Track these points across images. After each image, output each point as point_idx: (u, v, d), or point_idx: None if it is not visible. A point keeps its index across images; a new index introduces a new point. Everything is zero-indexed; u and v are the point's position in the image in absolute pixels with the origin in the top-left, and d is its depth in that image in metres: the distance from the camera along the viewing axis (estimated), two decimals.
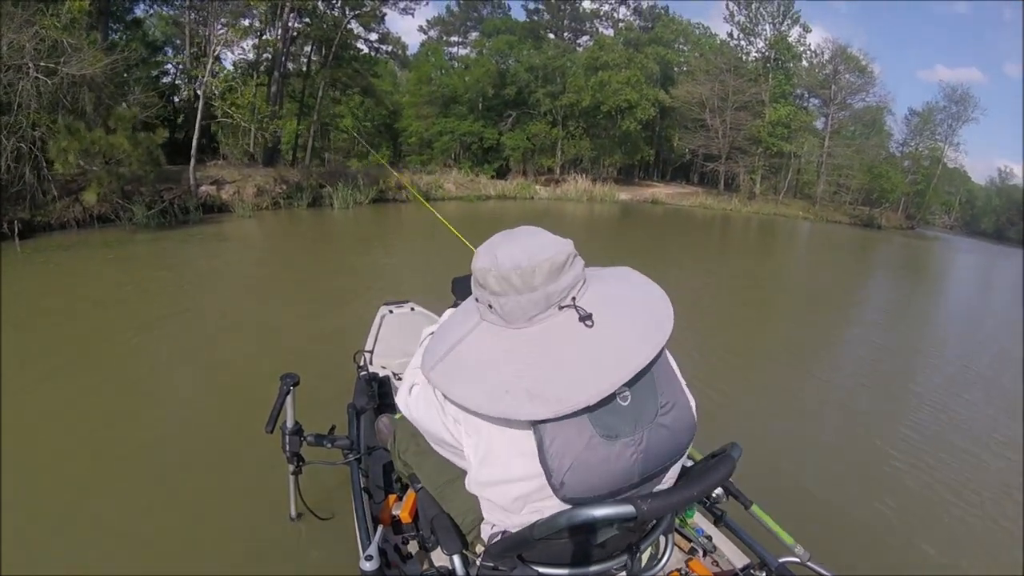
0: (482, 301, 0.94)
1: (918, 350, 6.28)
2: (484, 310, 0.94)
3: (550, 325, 0.90)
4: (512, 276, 0.88)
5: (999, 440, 3.85)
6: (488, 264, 0.91)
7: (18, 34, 7.36)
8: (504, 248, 0.92)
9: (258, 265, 7.67)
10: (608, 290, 0.95)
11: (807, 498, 2.77)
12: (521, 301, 0.89)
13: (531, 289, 0.88)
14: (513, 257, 0.89)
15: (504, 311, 0.90)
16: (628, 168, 31.13)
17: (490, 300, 0.92)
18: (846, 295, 9.55)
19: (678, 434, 0.92)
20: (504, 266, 0.89)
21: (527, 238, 0.94)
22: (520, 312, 0.89)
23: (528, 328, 0.90)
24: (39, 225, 7.79)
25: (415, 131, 23.96)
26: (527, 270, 0.88)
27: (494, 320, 0.93)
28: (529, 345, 0.89)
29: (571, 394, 0.82)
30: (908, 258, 18.14)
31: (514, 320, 0.90)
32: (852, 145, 28.96)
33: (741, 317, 6.91)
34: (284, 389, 1.74)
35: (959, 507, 2.89)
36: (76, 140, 7.67)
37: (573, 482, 0.85)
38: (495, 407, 0.84)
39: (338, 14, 15.72)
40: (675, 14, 32.36)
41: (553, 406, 0.82)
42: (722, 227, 19.47)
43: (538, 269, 0.88)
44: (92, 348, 3.96)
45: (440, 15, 30.80)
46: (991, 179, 48.01)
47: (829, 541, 2.31)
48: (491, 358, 0.90)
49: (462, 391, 0.89)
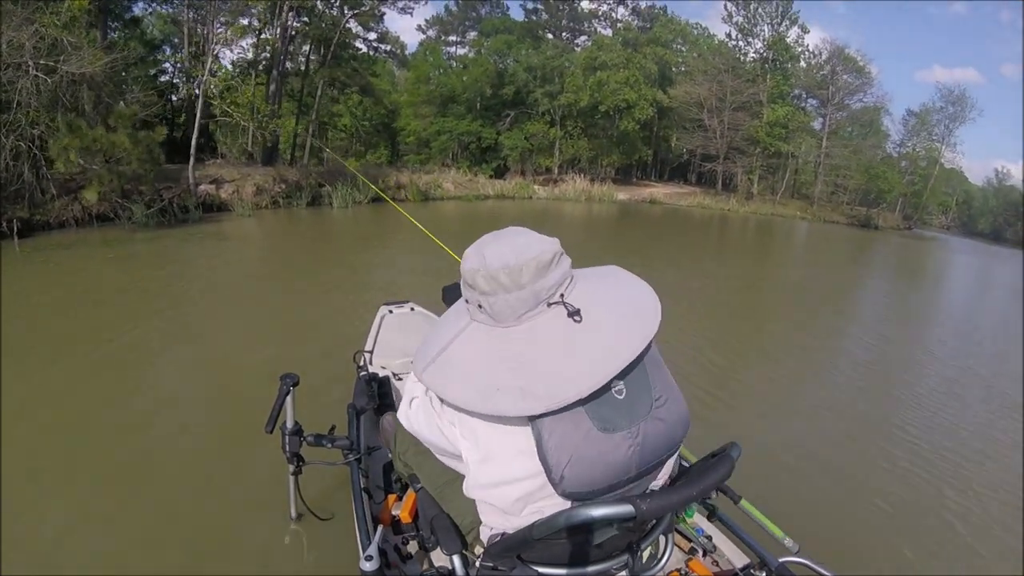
0: (472, 302, 0.96)
1: (914, 351, 6.30)
2: (474, 310, 0.96)
3: (539, 322, 0.91)
4: (500, 275, 0.90)
5: (995, 439, 3.86)
6: (476, 264, 0.93)
7: (17, 32, 7.33)
8: (491, 248, 0.93)
9: (258, 264, 7.68)
10: (595, 286, 0.97)
11: (804, 497, 2.78)
12: (510, 299, 0.90)
13: (519, 287, 0.90)
14: (501, 256, 0.91)
15: (493, 310, 0.92)
16: (626, 168, 31.15)
17: (479, 300, 0.93)
18: (842, 296, 9.59)
19: (673, 427, 0.93)
20: (492, 265, 0.90)
21: (514, 237, 0.96)
22: (509, 310, 0.91)
23: (518, 326, 0.92)
24: (38, 224, 7.76)
25: (413, 130, 23.96)
26: (515, 268, 0.89)
27: (484, 320, 0.94)
28: (519, 342, 0.90)
29: (563, 389, 0.83)
30: (905, 259, 18.20)
31: (504, 319, 0.92)
32: (849, 145, 29.04)
33: (738, 317, 6.92)
34: (284, 389, 1.74)
35: (958, 506, 2.90)
36: (77, 138, 7.63)
37: (572, 476, 0.85)
38: (487, 405, 0.85)
39: (336, 13, 15.70)
40: (673, 14, 32.42)
41: (545, 401, 0.83)
42: (720, 227, 19.50)
43: (525, 267, 0.89)
44: (92, 348, 3.95)
45: (438, 14, 30.81)
46: (988, 180, 48.15)
47: (828, 541, 2.32)
48: (482, 357, 0.92)
49: (454, 391, 0.90)
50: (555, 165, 25.53)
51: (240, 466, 2.58)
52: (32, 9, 7.76)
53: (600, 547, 0.99)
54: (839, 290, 10.04)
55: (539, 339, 0.90)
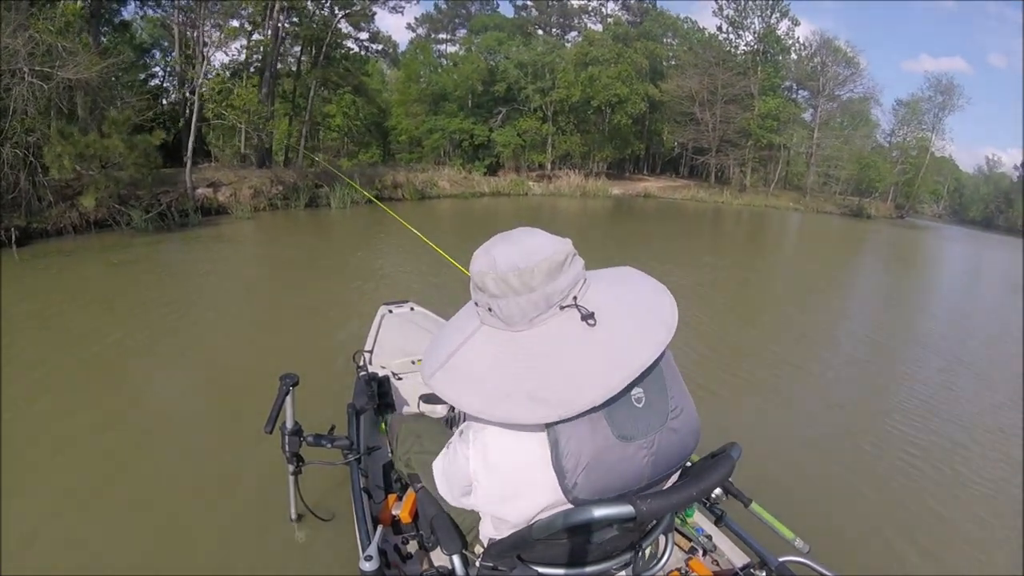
0: (481, 305, 0.92)
1: (913, 343, 6.31)
2: (483, 314, 0.92)
3: (551, 326, 0.88)
4: (510, 277, 0.87)
5: (997, 436, 3.86)
6: (486, 267, 0.90)
7: (12, 39, 7.25)
8: (501, 249, 0.90)
9: (258, 266, 7.67)
10: (610, 289, 0.94)
11: (804, 497, 2.78)
12: (520, 302, 0.87)
13: (530, 290, 0.86)
14: (510, 258, 0.88)
15: (504, 313, 0.89)
16: (619, 163, 31.17)
17: (489, 303, 0.90)
18: (838, 287, 9.65)
19: (686, 438, 0.92)
20: (502, 268, 0.87)
21: (524, 238, 0.92)
22: (520, 314, 0.88)
23: (529, 330, 0.89)
24: (35, 232, 7.67)
25: (405, 129, 23.86)
26: (525, 271, 0.86)
27: (494, 323, 0.91)
28: (530, 347, 0.87)
29: (576, 395, 0.80)
30: (898, 248, 18.28)
31: (514, 322, 0.89)
32: (840, 136, 29.15)
33: (734, 311, 6.95)
34: (283, 389, 1.73)
35: (957, 507, 2.90)
36: (70, 144, 7.57)
37: (586, 483, 0.83)
38: (497, 411, 0.83)
39: (327, 13, 15.62)
40: (663, 9, 32.45)
41: (558, 409, 0.80)
42: (715, 219, 19.56)
43: (536, 269, 0.86)
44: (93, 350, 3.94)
45: (428, 12, 30.72)
46: (979, 168, 48.45)
47: (827, 541, 2.34)
48: (491, 362, 0.89)
49: (464, 397, 0.87)
50: (548, 161, 25.51)
51: (240, 466, 2.58)
52: (26, 15, 7.68)
53: (600, 547, 0.99)
54: (833, 281, 10.10)
55: (551, 344, 0.86)
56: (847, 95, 29.56)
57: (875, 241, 19.06)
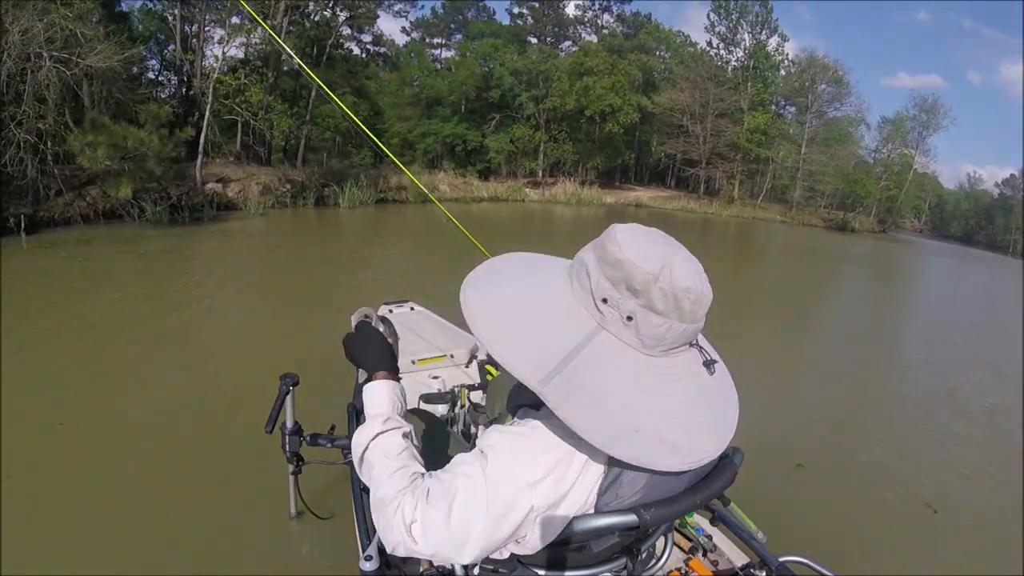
0: (614, 306, 0.73)
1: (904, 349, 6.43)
2: (612, 318, 0.73)
3: (678, 361, 0.77)
4: (684, 299, 0.71)
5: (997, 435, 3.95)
6: (655, 270, 0.71)
7: (32, 23, 7.14)
8: (679, 260, 0.73)
9: (262, 265, 7.66)
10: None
11: (804, 497, 2.82)
12: (677, 329, 0.73)
13: (695, 320, 0.74)
14: (689, 277, 0.72)
15: (649, 332, 0.72)
16: (609, 172, 31.44)
17: (634, 312, 0.72)
18: (823, 298, 9.79)
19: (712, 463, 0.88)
20: (680, 284, 0.71)
21: (692, 258, 0.77)
22: (669, 340, 0.74)
23: (659, 359, 0.75)
24: (42, 220, 7.58)
25: (397, 132, 23.85)
26: (698, 298, 0.72)
27: (623, 335, 0.74)
28: (661, 379, 0.75)
29: (701, 446, 0.74)
30: (882, 261, 18.60)
31: (651, 346, 0.74)
32: (826, 152, 29.69)
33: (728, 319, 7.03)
34: (284, 389, 1.73)
35: (957, 507, 2.95)
36: (104, 134, 7.47)
37: (623, 504, 0.80)
38: (620, 447, 0.69)
39: (330, 15, 15.64)
40: (657, 22, 32.87)
41: (687, 457, 0.72)
42: (704, 229, 19.80)
43: (705, 299, 0.74)
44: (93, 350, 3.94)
45: (424, 16, 30.78)
46: (960, 184, 49.64)
47: (829, 541, 2.39)
48: (619, 386, 0.72)
49: (586, 422, 0.69)
50: (540, 168, 25.67)
51: (240, 466, 2.56)
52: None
53: (600, 550, 0.98)
54: (819, 289, 10.26)
55: (678, 381, 0.76)
56: (835, 113, 30.23)
57: (858, 254, 19.38)
